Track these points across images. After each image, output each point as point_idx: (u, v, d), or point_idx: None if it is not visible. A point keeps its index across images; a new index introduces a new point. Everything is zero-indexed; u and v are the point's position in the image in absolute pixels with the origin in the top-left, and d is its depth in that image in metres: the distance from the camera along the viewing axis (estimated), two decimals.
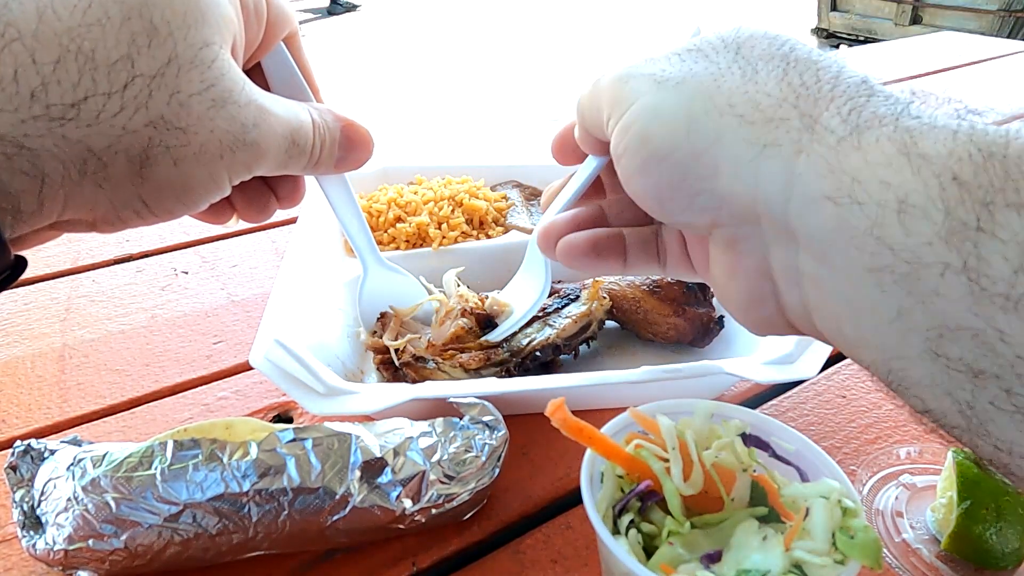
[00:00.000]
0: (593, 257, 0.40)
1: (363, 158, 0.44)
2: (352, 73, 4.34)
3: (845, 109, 0.27)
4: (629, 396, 0.50)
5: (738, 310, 0.34)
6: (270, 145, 0.36)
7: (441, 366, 0.55)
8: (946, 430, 0.26)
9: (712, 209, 0.31)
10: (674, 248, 0.40)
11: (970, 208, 0.23)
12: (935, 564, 0.42)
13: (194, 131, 0.31)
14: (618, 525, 0.34)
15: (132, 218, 0.34)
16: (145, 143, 0.30)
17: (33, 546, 0.39)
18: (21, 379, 0.60)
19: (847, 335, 0.28)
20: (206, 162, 0.33)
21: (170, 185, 0.32)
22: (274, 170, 0.38)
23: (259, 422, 0.45)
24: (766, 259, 0.30)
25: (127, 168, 0.30)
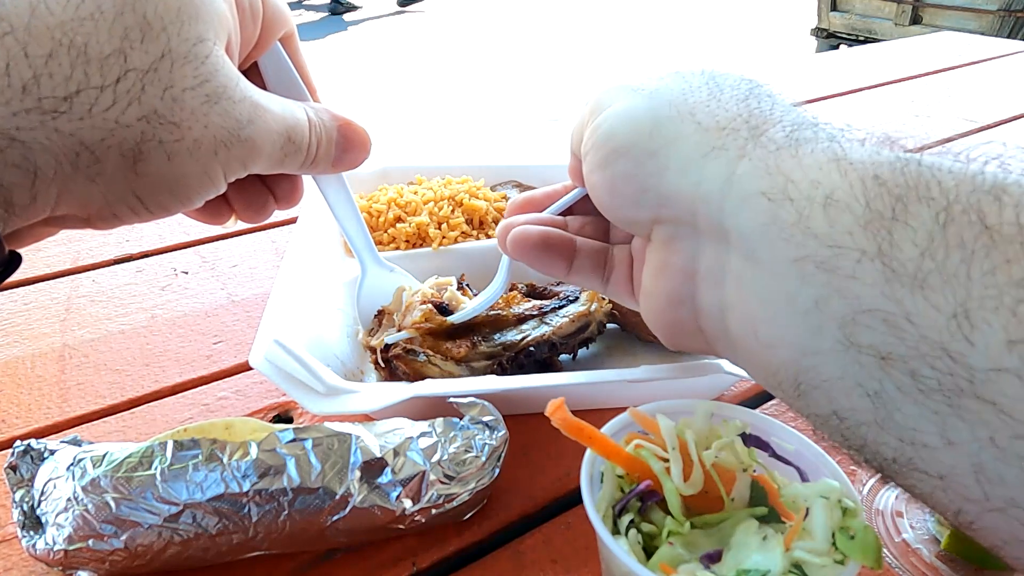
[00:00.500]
0: (540, 251, 0.41)
1: (360, 158, 0.44)
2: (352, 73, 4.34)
3: (788, 128, 0.31)
4: (629, 396, 0.50)
5: (657, 311, 0.36)
6: (265, 142, 0.36)
7: (432, 358, 0.55)
8: (848, 433, 0.27)
9: (655, 207, 0.33)
10: (621, 269, 0.42)
11: (887, 202, 0.25)
12: (935, 564, 0.42)
13: (188, 126, 0.31)
14: (618, 525, 0.34)
15: (127, 214, 0.34)
16: (138, 137, 0.30)
17: (33, 546, 0.39)
18: (21, 379, 0.60)
19: (760, 335, 0.29)
20: (200, 157, 0.33)
21: (164, 180, 0.32)
22: (270, 168, 0.38)
23: (259, 422, 0.45)
24: (694, 259, 0.33)
25: (120, 162, 0.30)
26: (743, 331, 0.30)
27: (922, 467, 0.25)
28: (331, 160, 0.42)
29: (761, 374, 0.31)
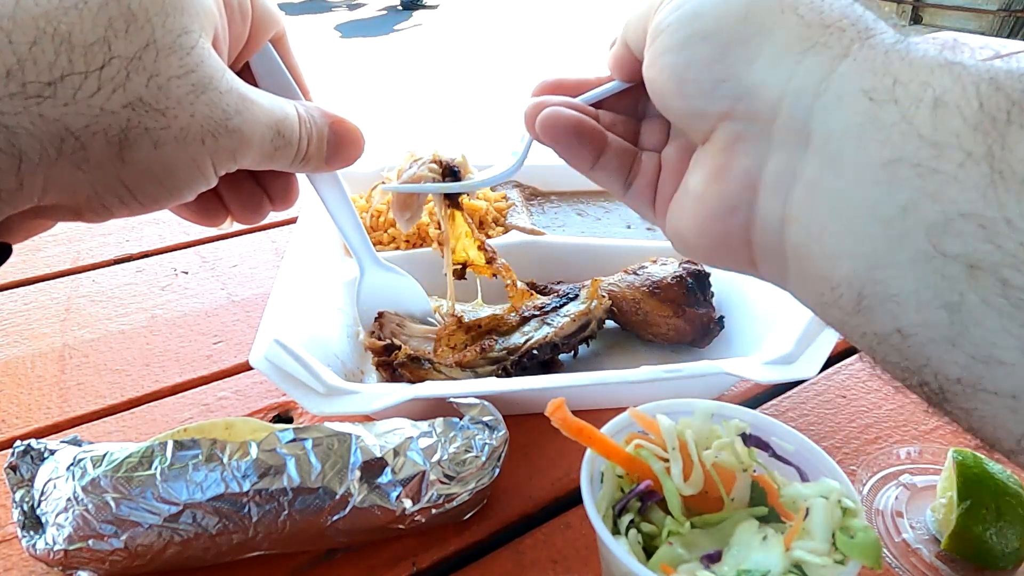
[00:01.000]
0: (571, 137, 0.38)
1: (353, 155, 0.44)
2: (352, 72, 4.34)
3: (896, 34, 0.29)
4: (629, 396, 0.50)
5: (705, 220, 0.33)
6: (254, 133, 0.36)
7: (436, 366, 0.55)
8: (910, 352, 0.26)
9: (731, 99, 0.31)
10: (646, 176, 0.39)
11: (1002, 105, 0.24)
12: (935, 564, 0.42)
13: (174, 114, 0.31)
14: (618, 525, 0.34)
15: (116, 205, 0.34)
16: (124, 124, 0.30)
17: (33, 546, 0.39)
18: (21, 379, 0.60)
19: (826, 247, 0.28)
20: (188, 146, 0.33)
21: (151, 169, 0.32)
22: (261, 163, 0.38)
23: (259, 422, 0.45)
24: (759, 164, 0.31)
25: (106, 149, 0.30)
26: (804, 243, 0.29)
27: (991, 387, 0.24)
28: (323, 157, 0.42)
29: (813, 292, 0.30)
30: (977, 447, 0.27)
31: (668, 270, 0.62)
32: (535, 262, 0.72)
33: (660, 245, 0.72)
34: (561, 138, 0.38)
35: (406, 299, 0.60)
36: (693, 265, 0.63)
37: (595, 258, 0.71)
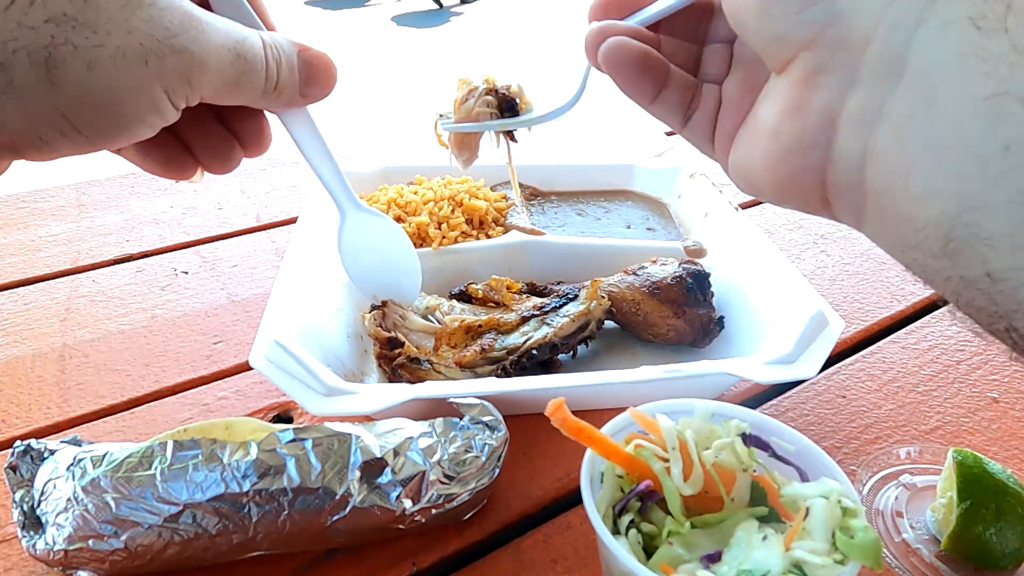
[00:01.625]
0: (636, 70, 0.36)
1: (328, 86, 0.41)
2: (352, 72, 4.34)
3: None
4: (629, 396, 0.50)
5: (776, 156, 0.31)
6: (207, 54, 0.33)
7: (436, 366, 0.55)
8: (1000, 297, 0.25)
9: (820, 24, 0.29)
10: (706, 110, 0.37)
11: None
12: (935, 564, 0.42)
13: (107, 30, 0.29)
14: (618, 525, 0.34)
15: (57, 139, 0.31)
16: (47, 41, 0.28)
17: (33, 546, 0.39)
18: (21, 379, 0.60)
19: (913, 186, 0.26)
20: (128, 67, 0.30)
21: (91, 95, 0.30)
22: (225, 91, 0.36)
23: (259, 422, 0.45)
24: (841, 98, 0.29)
25: (31, 71, 0.28)
26: (888, 182, 0.28)
27: None
28: (297, 88, 0.39)
29: (893, 233, 0.28)
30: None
31: (668, 270, 0.62)
32: (535, 262, 0.72)
33: (660, 245, 0.73)
34: (624, 70, 0.36)
35: (388, 243, 0.57)
36: (693, 265, 0.63)
37: (595, 258, 0.71)
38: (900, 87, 0.27)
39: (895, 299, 0.71)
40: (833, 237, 0.84)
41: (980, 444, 0.53)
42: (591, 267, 0.70)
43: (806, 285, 0.57)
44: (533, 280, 0.66)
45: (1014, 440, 0.53)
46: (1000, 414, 0.56)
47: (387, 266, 0.58)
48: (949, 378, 0.60)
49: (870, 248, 0.81)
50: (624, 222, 0.80)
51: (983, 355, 0.63)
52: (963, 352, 0.63)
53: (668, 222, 0.81)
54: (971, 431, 0.54)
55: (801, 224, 0.87)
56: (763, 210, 0.91)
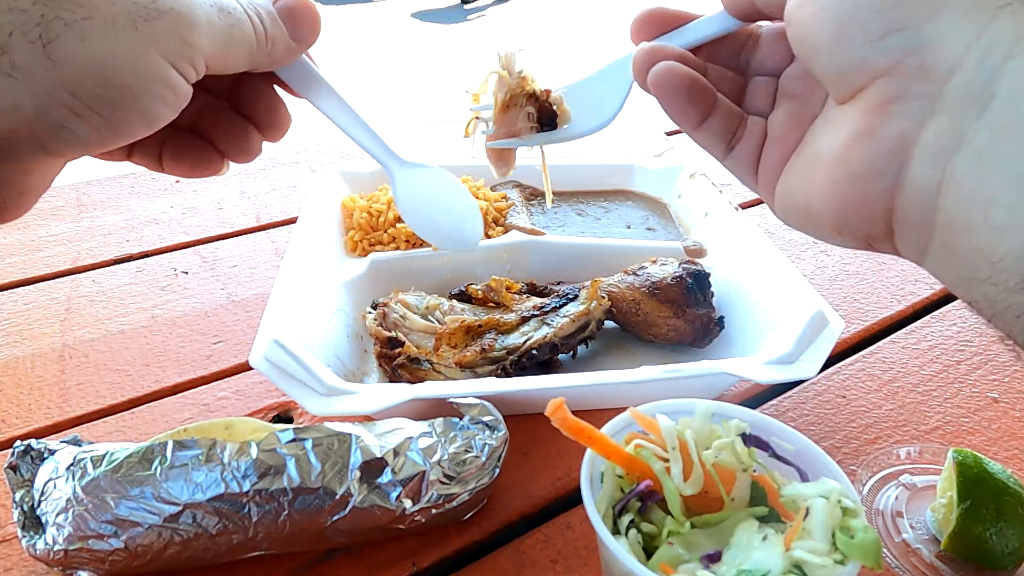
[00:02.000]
0: (684, 95, 0.36)
1: (315, 23, 0.42)
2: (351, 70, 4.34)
3: None
4: (629, 396, 0.50)
5: (841, 184, 0.31)
6: (193, 10, 0.34)
7: (436, 366, 0.55)
8: None
9: (902, 51, 0.28)
10: (752, 139, 0.37)
11: None
12: (935, 564, 0.42)
13: (92, 4, 0.31)
14: (618, 525, 0.34)
15: (75, 122, 0.32)
16: (38, 19, 0.30)
17: (33, 546, 0.39)
18: (21, 379, 0.60)
19: (992, 217, 0.26)
20: (119, 34, 0.31)
21: (90, 67, 0.31)
22: (223, 51, 0.36)
23: (259, 422, 0.45)
24: (918, 126, 0.28)
25: (29, 48, 0.30)
26: (964, 212, 0.27)
27: None
28: (286, 35, 0.40)
29: (963, 266, 0.28)
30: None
31: (668, 270, 0.62)
32: (535, 262, 0.72)
33: (660, 245, 0.73)
34: (672, 95, 0.36)
35: (442, 192, 0.56)
36: (693, 265, 0.63)
37: (595, 258, 0.71)
38: (985, 117, 0.26)
39: (895, 299, 0.71)
40: None
41: (980, 444, 0.53)
42: (591, 267, 0.70)
43: (806, 285, 0.57)
44: (533, 280, 0.66)
45: (1014, 440, 0.53)
46: (1000, 414, 0.56)
47: (446, 214, 0.57)
48: (949, 378, 0.60)
49: None
50: (624, 222, 0.80)
51: (983, 355, 0.63)
52: (963, 352, 0.63)
53: (668, 222, 0.81)
54: (971, 431, 0.54)
55: None
56: (763, 210, 0.91)
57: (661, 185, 0.85)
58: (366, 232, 0.72)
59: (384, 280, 0.68)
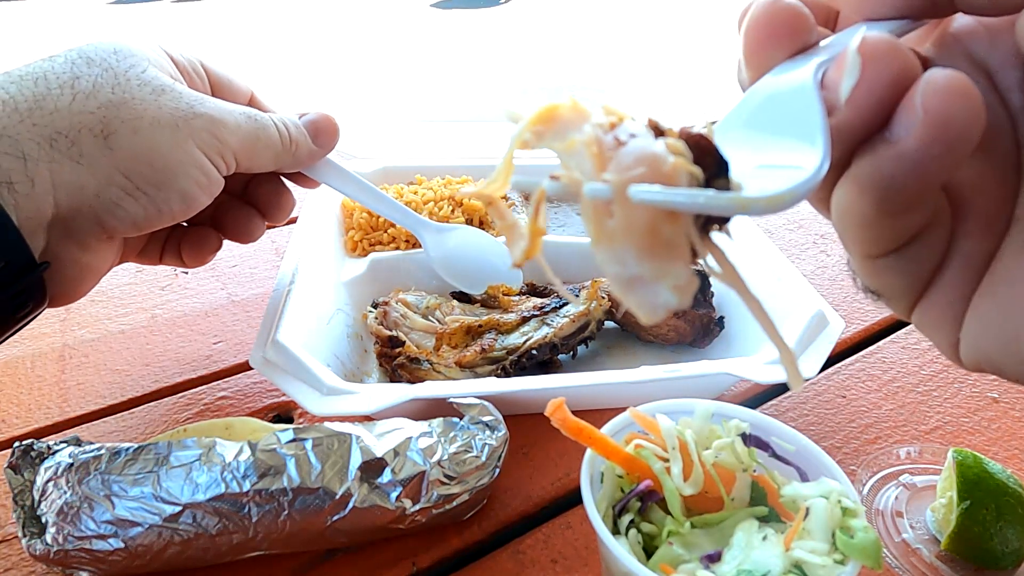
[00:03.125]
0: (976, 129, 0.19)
1: (334, 133, 0.50)
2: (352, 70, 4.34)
3: None
4: (629, 396, 0.50)
5: None
6: (224, 115, 0.42)
7: (436, 366, 0.55)
8: None
9: None
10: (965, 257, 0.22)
11: None
12: (935, 564, 0.42)
13: (144, 108, 0.39)
14: (618, 525, 0.34)
15: (125, 200, 0.39)
16: (101, 119, 0.38)
17: (33, 546, 0.39)
18: (21, 379, 0.60)
19: None
20: (163, 130, 0.39)
21: (141, 155, 0.39)
22: (249, 148, 0.44)
23: (259, 422, 0.46)
24: None
25: (94, 141, 0.37)
26: None
27: None
28: (309, 141, 0.48)
29: None
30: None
31: None
32: (535, 262, 0.72)
33: None
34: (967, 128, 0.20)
35: (474, 245, 0.61)
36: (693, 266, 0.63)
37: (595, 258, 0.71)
38: None
39: None
40: (833, 237, 0.84)
41: (980, 444, 0.53)
42: (591, 267, 0.70)
43: (806, 285, 0.57)
44: (533, 281, 0.66)
45: (1014, 440, 0.53)
46: (1000, 414, 0.56)
47: (479, 263, 0.62)
48: (949, 378, 0.60)
49: None
50: None
51: None
52: None
53: None
54: (971, 431, 0.54)
55: (801, 224, 0.87)
56: None
57: None
58: (366, 232, 0.72)
59: (384, 280, 0.68)
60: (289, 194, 0.51)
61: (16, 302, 0.37)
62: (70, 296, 0.43)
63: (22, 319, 0.39)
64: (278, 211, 0.52)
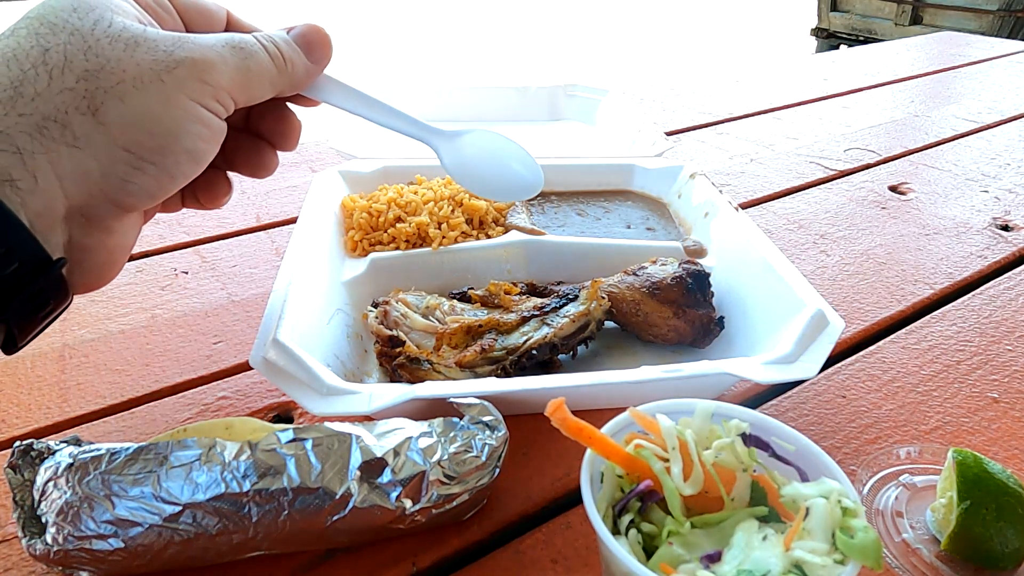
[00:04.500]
0: None
1: (328, 46, 0.46)
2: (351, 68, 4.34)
3: None
4: (629, 396, 0.50)
5: None
6: (207, 54, 0.38)
7: (436, 366, 0.55)
8: None
9: None
10: None
11: None
12: (935, 564, 0.42)
13: (121, 68, 0.36)
14: (618, 525, 0.34)
15: (134, 175, 0.37)
16: (84, 94, 0.35)
17: (33, 546, 0.39)
18: (21, 379, 0.60)
19: None
20: (150, 89, 0.36)
21: (135, 122, 0.36)
22: (243, 83, 0.40)
23: (259, 422, 0.46)
24: None
25: (83, 120, 0.35)
26: None
27: None
28: (303, 58, 0.44)
29: None
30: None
31: (668, 271, 0.62)
32: (535, 262, 0.72)
33: (660, 245, 0.73)
34: None
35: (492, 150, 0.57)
36: (693, 265, 0.63)
37: (595, 258, 0.71)
38: None
39: (895, 299, 0.71)
40: (833, 237, 0.84)
41: (980, 444, 0.53)
42: (591, 267, 0.70)
43: (806, 285, 0.57)
44: (533, 280, 0.66)
45: (1014, 440, 0.53)
46: (1000, 414, 0.56)
47: (499, 169, 0.57)
48: (949, 378, 0.60)
49: (870, 248, 0.81)
50: (624, 222, 0.80)
51: (983, 355, 0.63)
52: (963, 352, 0.63)
53: (668, 222, 0.81)
54: (971, 431, 0.54)
55: (801, 224, 0.87)
56: (763, 210, 0.91)
57: (661, 185, 0.85)
58: (366, 232, 0.72)
59: (384, 280, 0.68)
60: (294, 117, 0.48)
61: (36, 302, 0.36)
62: (105, 279, 0.41)
63: (45, 318, 0.37)
64: (286, 137, 0.48)
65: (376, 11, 5.88)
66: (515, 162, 0.57)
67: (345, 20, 4.25)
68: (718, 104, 1.35)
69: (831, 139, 1.17)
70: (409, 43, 5.12)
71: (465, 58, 4.69)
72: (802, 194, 0.97)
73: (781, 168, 1.05)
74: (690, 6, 6.69)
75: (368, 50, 4.68)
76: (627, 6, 6.61)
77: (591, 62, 4.90)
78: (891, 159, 1.09)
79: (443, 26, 5.59)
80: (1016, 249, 0.81)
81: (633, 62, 4.94)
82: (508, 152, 0.57)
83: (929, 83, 1.51)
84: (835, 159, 1.09)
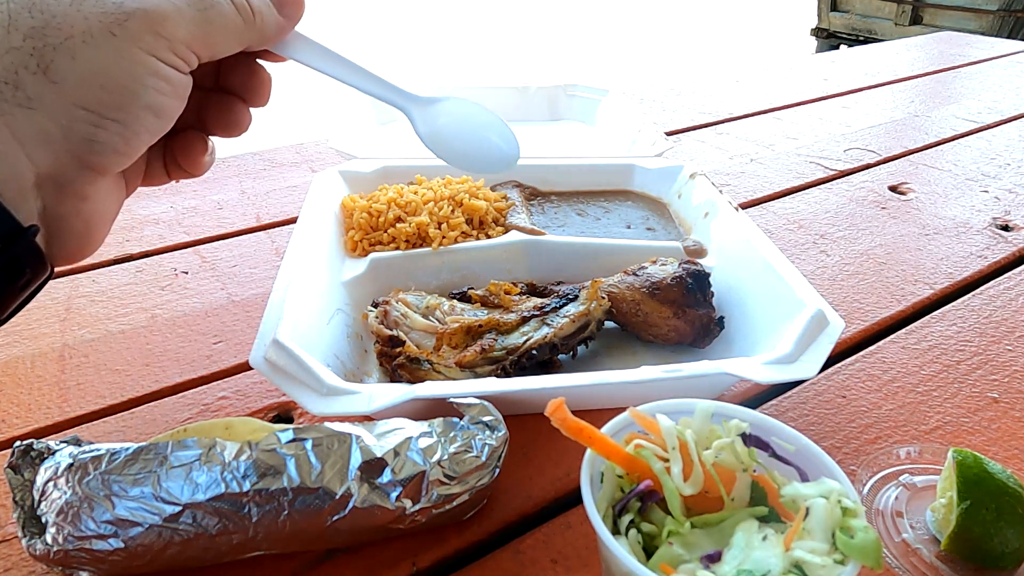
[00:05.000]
0: None
1: (302, 2, 0.44)
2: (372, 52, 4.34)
3: None
4: (629, 396, 0.50)
5: None
6: (160, 5, 0.36)
7: (436, 366, 0.55)
8: None
9: None
10: None
11: None
12: (935, 564, 0.42)
13: (69, 24, 0.34)
14: (618, 525, 0.34)
15: (98, 134, 0.35)
16: (31, 51, 0.33)
17: (33, 546, 0.39)
18: (21, 379, 0.60)
19: None
20: (101, 44, 0.34)
21: (87, 79, 0.34)
22: (204, 36, 0.38)
23: (259, 422, 0.46)
24: None
25: (36, 80, 0.33)
26: None
27: None
28: (273, 11, 0.42)
29: None
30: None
31: (668, 271, 0.62)
32: (535, 262, 0.72)
33: (660, 245, 0.73)
34: None
35: (467, 118, 0.54)
36: (693, 266, 0.63)
37: (595, 258, 0.71)
38: None
39: (895, 299, 0.71)
40: (833, 237, 0.84)
41: (980, 444, 0.53)
42: (591, 267, 0.70)
43: (806, 285, 0.57)
44: (533, 280, 0.66)
45: (1014, 440, 0.53)
46: (1000, 414, 0.56)
47: (475, 139, 0.55)
48: (949, 378, 0.60)
49: (870, 248, 0.81)
50: (624, 222, 0.80)
51: (983, 355, 0.63)
52: (963, 352, 0.63)
53: (668, 222, 0.81)
54: (971, 431, 0.54)
55: (801, 224, 0.87)
56: (763, 210, 0.91)
57: (661, 185, 0.85)
58: (366, 232, 0.72)
59: (384, 280, 0.68)
60: (264, 71, 0.46)
61: (12, 271, 0.35)
62: (86, 249, 0.40)
63: (24, 288, 0.36)
64: (257, 93, 0.46)
65: (376, 11, 5.90)
66: (492, 133, 0.54)
67: (345, 20, 4.25)
68: (718, 104, 1.35)
69: (831, 139, 1.17)
70: (409, 43, 5.12)
71: (465, 58, 4.69)
72: (802, 194, 0.97)
73: (781, 168, 1.05)
74: (690, 6, 6.70)
75: (368, 50, 4.70)
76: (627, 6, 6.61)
77: (591, 62, 4.89)
78: (891, 159, 1.09)
79: (443, 26, 5.59)
80: (1016, 249, 0.81)
81: (633, 62, 4.93)
82: (485, 122, 0.54)
83: (929, 83, 1.51)
84: (835, 159, 1.09)
